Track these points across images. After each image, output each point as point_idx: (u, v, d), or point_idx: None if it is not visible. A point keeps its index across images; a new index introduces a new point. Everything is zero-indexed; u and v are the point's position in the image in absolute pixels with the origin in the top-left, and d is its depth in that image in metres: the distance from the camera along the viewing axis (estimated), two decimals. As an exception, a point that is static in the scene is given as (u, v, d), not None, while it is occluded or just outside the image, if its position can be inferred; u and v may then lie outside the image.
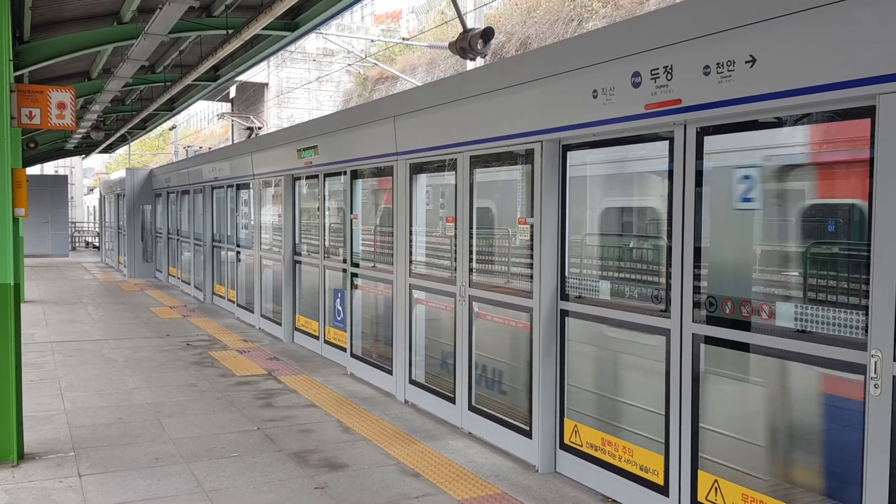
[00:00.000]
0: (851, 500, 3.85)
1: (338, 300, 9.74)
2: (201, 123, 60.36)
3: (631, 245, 5.80)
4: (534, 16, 24.27)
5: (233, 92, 41.90)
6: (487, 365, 6.76)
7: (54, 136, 23.45)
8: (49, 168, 48.42)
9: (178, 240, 19.45)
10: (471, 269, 6.63)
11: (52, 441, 6.38)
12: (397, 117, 7.60)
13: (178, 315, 14.08)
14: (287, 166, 11.13)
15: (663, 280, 4.78)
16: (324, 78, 36.38)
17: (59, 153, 30.97)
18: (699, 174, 4.41)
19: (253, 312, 12.95)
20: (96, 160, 64.62)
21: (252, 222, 13.16)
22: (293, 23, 11.35)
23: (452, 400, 6.88)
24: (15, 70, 10.63)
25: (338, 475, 5.63)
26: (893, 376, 3.40)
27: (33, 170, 39.86)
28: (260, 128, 18.61)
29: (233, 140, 41.14)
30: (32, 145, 21.29)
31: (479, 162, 6.51)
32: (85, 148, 29.98)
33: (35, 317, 13.49)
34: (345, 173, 9.18)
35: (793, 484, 4.26)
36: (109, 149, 31.16)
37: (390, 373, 8.03)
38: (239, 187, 14.11)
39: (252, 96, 40.89)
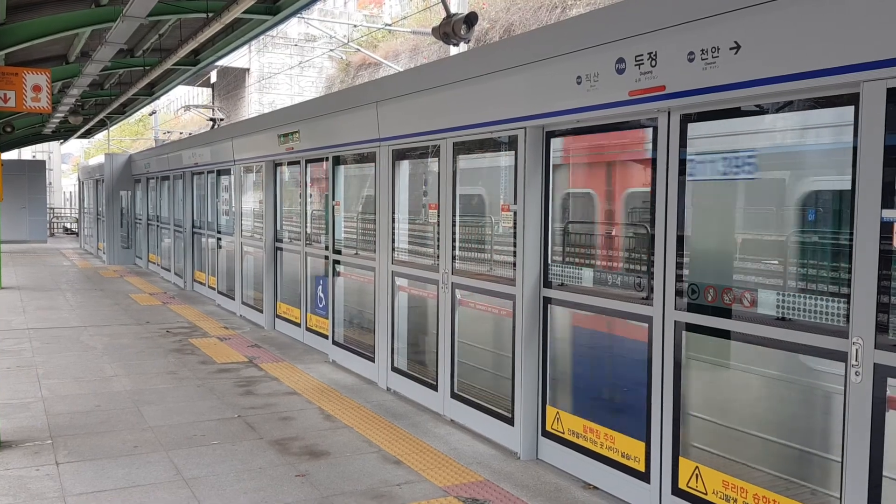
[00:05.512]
0: (829, 485, 3.88)
1: (319, 287, 9.69)
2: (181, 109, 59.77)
3: (613, 232, 5.79)
4: (517, 2, 24.18)
5: (214, 77, 41.53)
6: (470, 352, 6.75)
7: (32, 120, 23.14)
8: (27, 153, 47.79)
9: (157, 226, 19.27)
10: (453, 257, 6.60)
11: (29, 429, 6.30)
12: (380, 103, 7.53)
13: (157, 302, 13.96)
14: (268, 152, 11.03)
15: (645, 267, 4.78)
16: (306, 63, 36.10)
17: (37, 138, 30.56)
18: (682, 162, 4.40)
19: (234, 299, 12.86)
20: (75, 145, 63.87)
21: (233, 208, 13.05)
22: (274, 6, 11.23)
23: (434, 387, 6.87)
24: (-10, 52, 10.45)
25: (319, 463, 5.60)
26: (874, 364, 3.42)
27: (10, 154, 39.30)
28: (222, 119, 18.56)
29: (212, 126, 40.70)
30: (9, 129, 21.00)
31: (462, 148, 6.47)
32: (63, 133, 29.60)
33: (12, 303, 13.32)
34: (327, 159, 9.11)
35: (774, 471, 4.29)
36: (88, 134, 30.81)
37: (372, 360, 8.00)
38: (220, 173, 13.98)
39: (233, 82, 40.53)
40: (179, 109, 34.62)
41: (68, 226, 39.74)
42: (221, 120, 17.94)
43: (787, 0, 3.64)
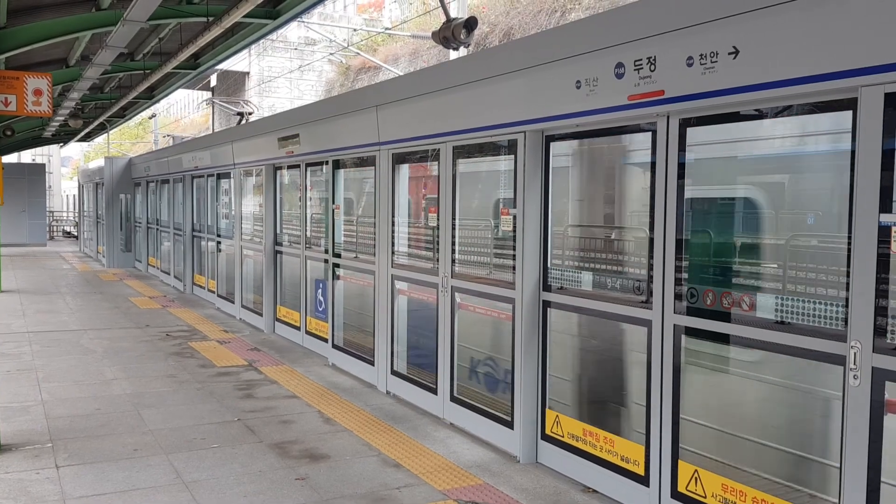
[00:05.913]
0: (830, 490, 3.89)
1: (319, 291, 9.69)
2: (182, 112, 59.82)
3: (612, 236, 5.80)
4: (517, 6, 24.22)
5: (213, 80, 41.52)
6: (469, 356, 6.75)
7: (32, 123, 23.14)
8: (26, 156, 47.82)
9: (157, 229, 19.27)
10: (453, 260, 6.61)
11: (29, 432, 6.30)
12: (380, 107, 7.55)
13: (157, 305, 13.96)
14: (268, 156, 11.04)
15: (644, 271, 4.79)
16: (306, 67, 36.14)
17: (37, 141, 30.58)
18: (681, 166, 4.41)
19: (234, 303, 12.86)
20: (75, 149, 63.88)
21: (233, 212, 13.05)
22: (274, 10, 11.24)
23: (434, 391, 6.87)
24: (-10, 56, 10.47)
25: (318, 466, 5.61)
26: (872, 367, 3.43)
27: (10, 158, 39.33)
28: (251, 113, 16.86)
29: (213, 129, 40.80)
30: (9, 133, 20.99)
31: (462, 152, 6.49)
32: (63, 136, 29.62)
33: (12, 307, 13.32)
34: (326, 163, 9.13)
35: (773, 475, 4.30)
36: (88, 137, 30.82)
37: (372, 363, 8.01)
38: (220, 176, 13.99)
39: (233, 85, 40.55)
40: (202, 102, 34.00)
41: (68, 229, 39.74)
42: (250, 114, 16.70)
43: (785, 5, 3.66)
